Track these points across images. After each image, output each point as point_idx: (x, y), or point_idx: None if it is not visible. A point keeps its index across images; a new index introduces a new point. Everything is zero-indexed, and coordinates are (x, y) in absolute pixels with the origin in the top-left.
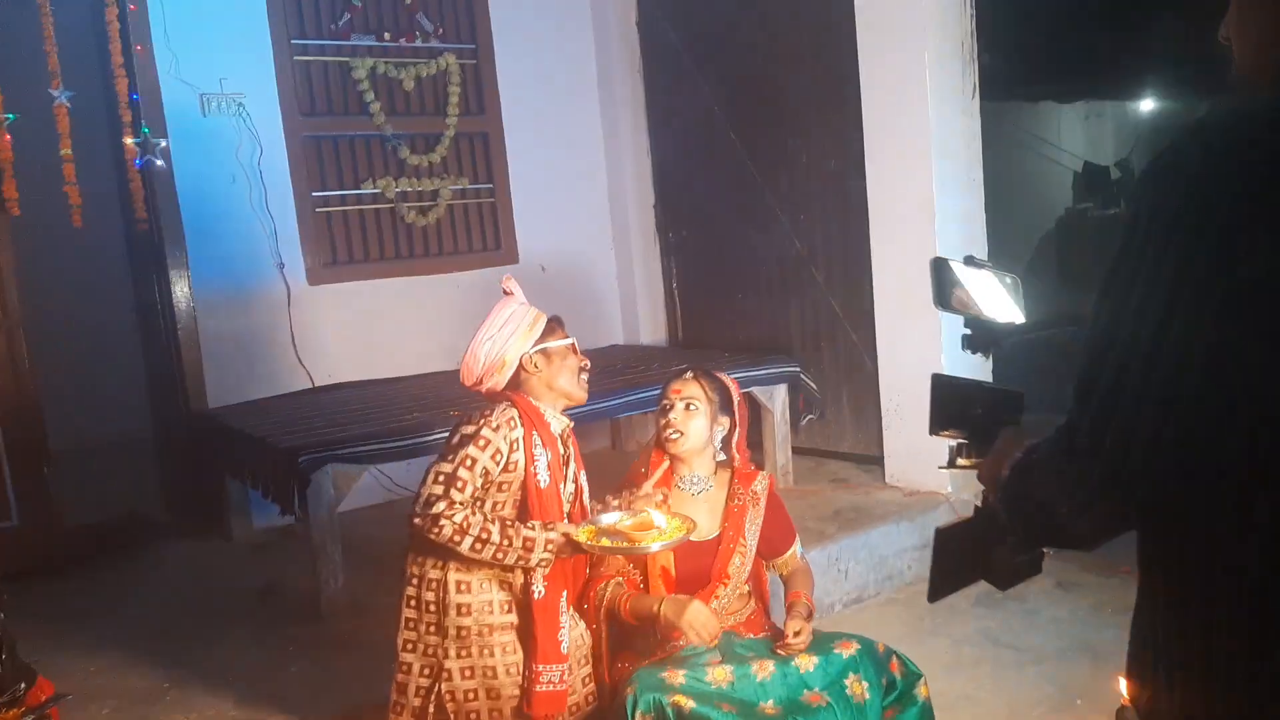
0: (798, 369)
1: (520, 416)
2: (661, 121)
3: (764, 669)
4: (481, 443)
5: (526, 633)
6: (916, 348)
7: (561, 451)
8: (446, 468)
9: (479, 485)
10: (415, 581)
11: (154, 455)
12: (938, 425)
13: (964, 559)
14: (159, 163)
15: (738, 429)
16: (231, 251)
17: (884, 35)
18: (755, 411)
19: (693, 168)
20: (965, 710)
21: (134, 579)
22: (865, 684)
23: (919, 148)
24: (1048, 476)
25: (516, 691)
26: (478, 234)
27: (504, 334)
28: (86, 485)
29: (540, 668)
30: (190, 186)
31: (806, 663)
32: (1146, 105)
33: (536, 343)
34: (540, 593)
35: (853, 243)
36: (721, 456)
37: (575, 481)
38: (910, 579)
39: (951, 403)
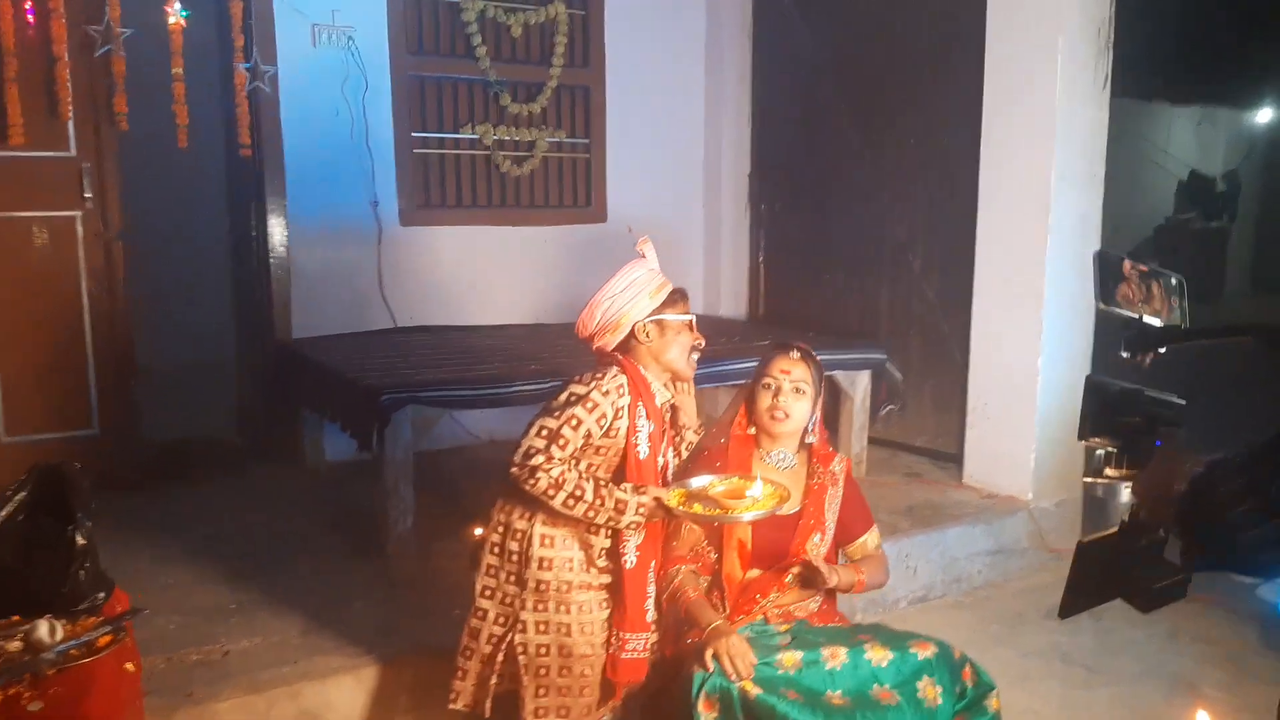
0: (884, 357)
1: (629, 384)
2: (767, 90)
3: (835, 657)
4: (590, 405)
5: (615, 600)
6: (1013, 347)
7: (662, 421)
8: (551, 423)
9: (579, 445)
10: (501, 529)
11: (235, 381)
12: (1089, 431)
13: (1103, 576)
14: (266, 90)
15: (820, 410)
16: (328, 185)
17: (1017, 13)
18: (834, 397)
19: (794, 139)
20: None
21: (206, 498)
22: (939, 688)
23: (1042, 136)
24: (1239, 495)
25: (589, 650)
26: (569, 189)
27: (624, 296)
28: (167, 403)
29: (627, 635)
30: (294, 117)
31: (879, 656)
32: (1264, 116)
33: (654, 312)
34: (632, 562)
35: (955, 231)
36: (811, 438)
37: (664, 455)
38: (980, 584)
39: (1106, 408)
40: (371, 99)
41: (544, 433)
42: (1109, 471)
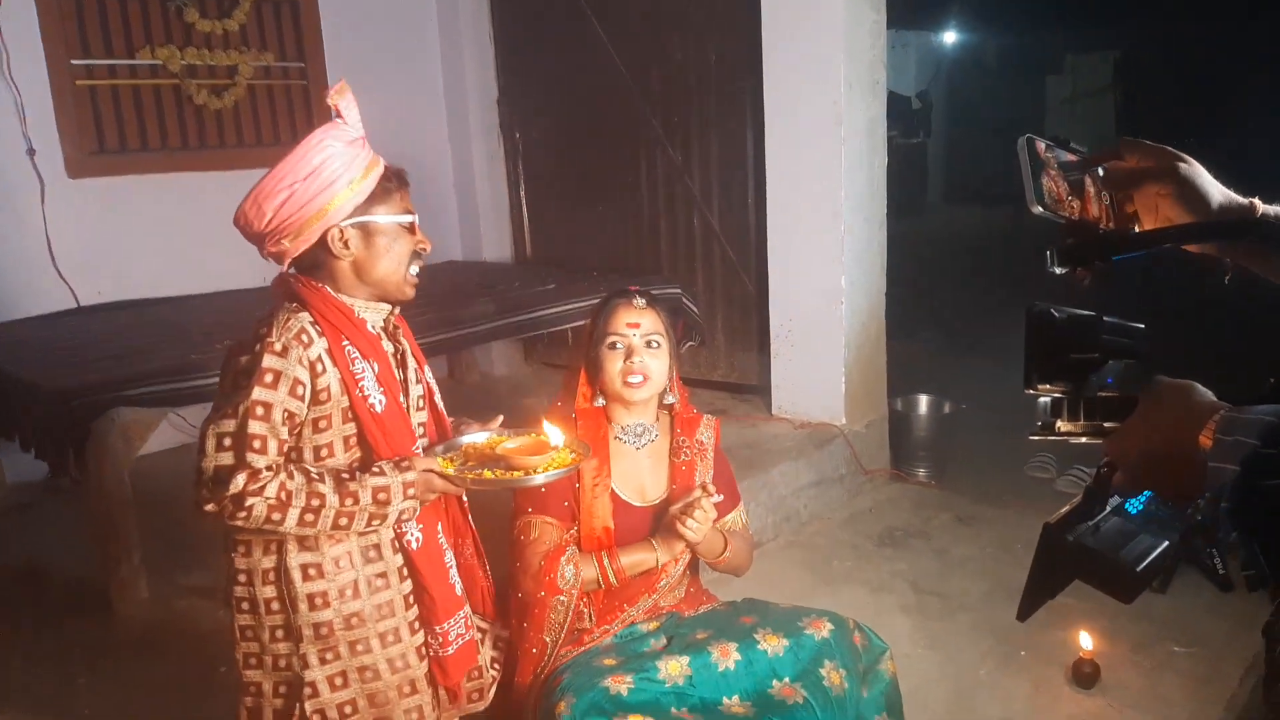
0: (679, 290)
1: (317, 322)
2: (507, 2)
3: (725, 655)
4: (269, 378)
5: (417, 594)
6: (814, 268)
7: (392, 351)
8: (229, 425)
9: (285, 436)
10: (243, 578)
11: None
12: (1039, 376)
13: (1070, 561)
14: None
15: (675, 361)
16: None
17: None
18: None
19: (545, 58)
20: (909, 672)
21: None
22: (842, 672)
23: (829, 42)
24: None
25: (409, 688)
26: (286, 122)
27: (312, 185)
28: None
29: (445, 626)
30: None
31: (774, 645)
32: (948, 37)
33: (358, 210)
34: (418, 540)
35: (733, 150)
36: (671, 399)
37: (422, 382)
38: (807, 519)
39: (1058, 344)
40: (9, 16)
41: (226, 442)
42: (1063, 426)
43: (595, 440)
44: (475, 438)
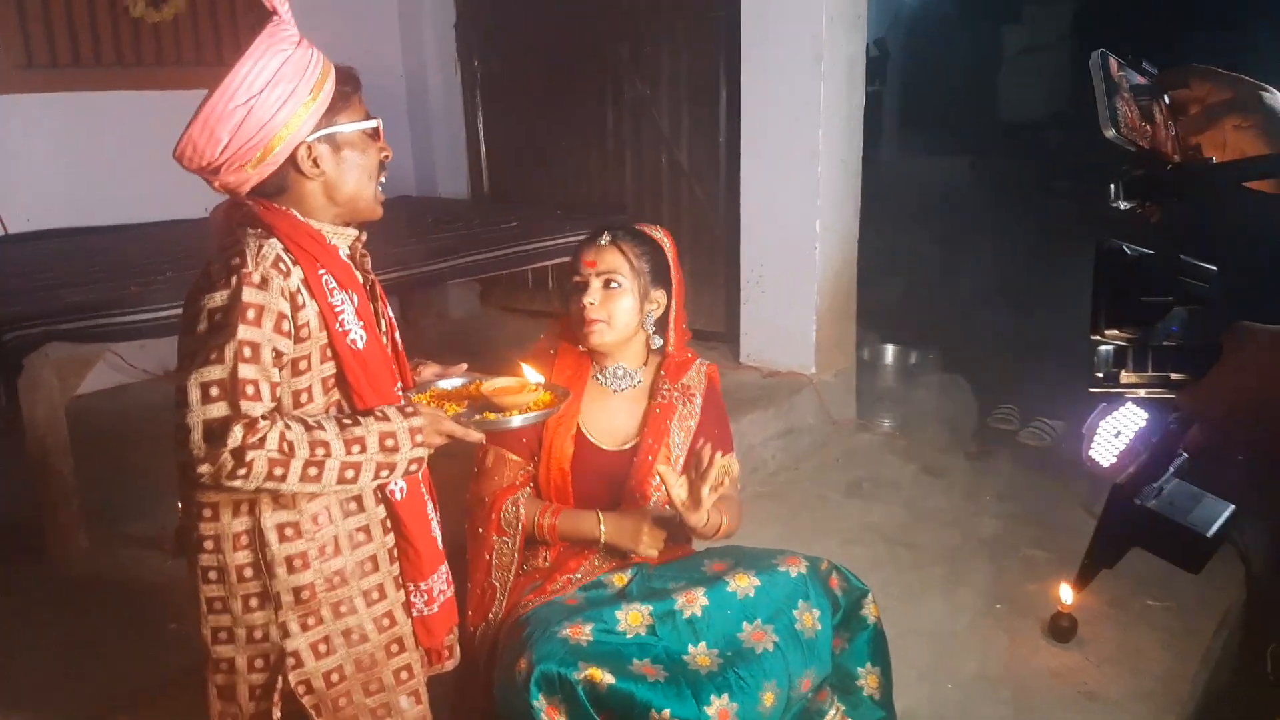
0: None
1: (290, 249)
2: None
3: (692, 602)
4: (251, 314)
5: (401, 549)
6: (787, 212)
7: (363, 281)
8: (215, 372)
9: (277, 378)
10: (210, 544)
11: None
12: (1109, 320)
13: (1133, 525)
14: None
15: (674, 304)
16: None
17: None
18: None
19: None
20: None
21: None
22: (816, 612)
23: None
24: None
25: (397, 647)
26: (230, 39)
27: (272, 97)
28: None
29: (429, 582)
30: None
31: (744, 585)
32: None
33: (322, 121)
34: (403, 490)
35: (705, 83)
36: (658, 342)
37: (385, 317)
38: (774, 469)
39: (1130, 285)
40: None
41: (214, 391)
42: (1127, 377)
43: (573, 380)
44: (449, 383)
